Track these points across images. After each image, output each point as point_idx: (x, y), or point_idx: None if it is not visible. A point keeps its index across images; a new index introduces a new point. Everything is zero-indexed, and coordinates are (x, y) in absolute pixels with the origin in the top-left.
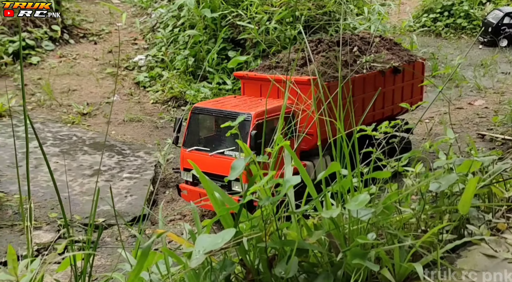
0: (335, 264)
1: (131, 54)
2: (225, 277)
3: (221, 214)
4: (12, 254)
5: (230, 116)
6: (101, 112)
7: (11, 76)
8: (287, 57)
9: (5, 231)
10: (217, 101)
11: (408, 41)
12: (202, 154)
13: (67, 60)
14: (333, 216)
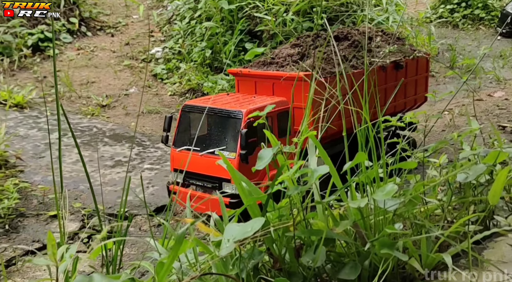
0: (361, 254)
1: (148, 47)
2: (254, 266)
3: (248, 204)
4: (52, 240)
5: (221, 114)
6: (120, 104)
7: (30, 69)
8: (282, 52)
9: (31, 220)
10: (208, 99)
11: (426, 32)
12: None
13: (85, 53)
14: (361, 206)
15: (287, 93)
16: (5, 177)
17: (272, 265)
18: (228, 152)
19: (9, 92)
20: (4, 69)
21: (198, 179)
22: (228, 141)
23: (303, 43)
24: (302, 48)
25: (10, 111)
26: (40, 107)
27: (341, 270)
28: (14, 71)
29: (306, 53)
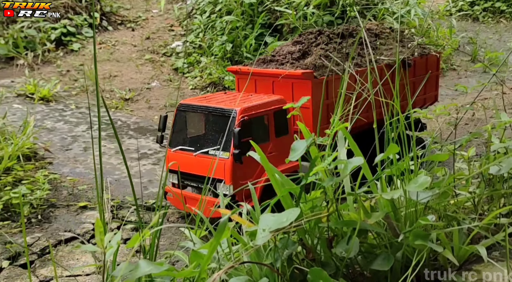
0: (393, 246)
1: (168, 41)
2: (288, 256)
3: (282, 195)
4: (99, 226)
5: (215, 113)
6: (143, 98)
7: (54, 63)
8: (283, 50)
9: (62, 210)
10: (204, 98)
11: (446, 25)
12: (187, 154)
13: (106, 47)
14: (394, 197)
15: (288, 91)
16: (35, 169)
17: (305, 255)
18: (222, 152)
19: (35, 86)
20: (28, 63)
21: (193, 180)
22: (222, 140)
23: (305, 41)
24: (304, 45)
25: (37, 104)
26: (65, 101)
27: (373, 261)
28: (38, 65)
29: (308, 51)
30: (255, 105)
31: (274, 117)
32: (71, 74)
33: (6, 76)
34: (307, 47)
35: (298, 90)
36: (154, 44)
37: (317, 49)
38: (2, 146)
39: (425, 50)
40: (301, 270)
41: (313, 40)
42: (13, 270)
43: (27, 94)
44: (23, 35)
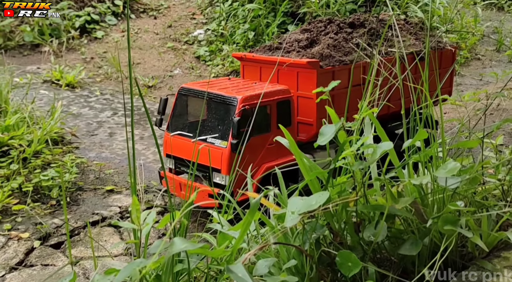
0: (421, 231)
1: (190, 29)
2: (315, 239)
3: (310, 179)
4: (136, 204)
5: (216, 99)
6: (166, 85)
7: (78, 50)
8: (290, 37)
9: (89, 194)
10: (207, 83)
11: (471, 14)
12: (185, 139)
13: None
14: (423, 183)
15: (293, 80)
16: (63, 153)
17: (332, 239)
18: (220, 140)
19: (61, 73)
20: (53, 50)
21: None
22: (221, 128)
23: (314, 29)
24: (312, 33)
25: (62, 90)
26: (90, 87)
27: (401, 246)
28: (62, 52)
29: (316, 40)
30: (258, 95)
31: (277, 107)
32: (95, 62)
33: (32, 63)
34: (316, 36)
35: (303, 79)
36: (176, 32)
37: (326, 38)
38: (32, 129)
39: (440, 44)
40: (328, 254)
41: (322, 28)
42: (44, 250)
43: (53, 81)
44: (48, 23)
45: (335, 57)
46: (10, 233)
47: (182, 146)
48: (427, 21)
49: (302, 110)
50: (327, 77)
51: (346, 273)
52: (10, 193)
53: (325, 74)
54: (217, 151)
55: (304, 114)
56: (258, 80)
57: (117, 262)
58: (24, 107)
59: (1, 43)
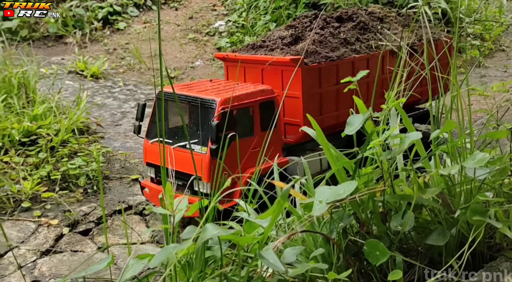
0: (448, 222)
1: (211, 20)
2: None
3: (337, 168)
4: (169, 190)
5: (194, 103)
6: (187, 76)
7: (101, 41)
8: (274, 35)
9: (115, 182)
10: (186, 86)
11: (495, 5)
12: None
13: (150, 26)
14: (452, 173)
15: (277, 79)
16: (89, 142)
17: (358, 228)
18: (200, 146)
19: (85, 63)
20: (77, 41)
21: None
22: (201, 133)
23: (299, 25)
24: (297, 30)
25: (86, 81)
26: (113, 78)
27: (428, 236)
28: (86, 44)
29: (301, 36)
30: (238, 96)
31: (260, 109)
32: (118, 53)
33: (56, 54)
34: (301, 32)
35: (287, 78)
36: (197, 24)
37: (311, 34)
38: (59, 119)
39: (434, 36)
40: (355, 243)
41: (308, 24)
42: (73, 236)
43: (77, 71)
44: (72, 14)
45: (321, 54)
46: (40, 220)
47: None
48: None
49: (288, 110)
50: (313, 74)
51: (373, 262)
52: (39, 181)
53: (311, 71)
54: (197, 158)
55: (291, 115)
56: (242, 81)
57: (149, 247)
58: (50, 97)
59: (27, 34)
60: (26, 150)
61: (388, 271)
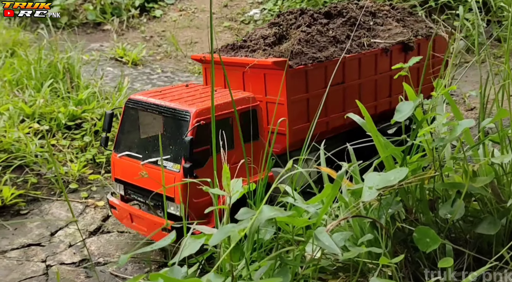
0: (499, 211)
1: (246, 8)
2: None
3: (385, 155)
4: (226, 172)
5: (166, 113)
6: None
7: (138, 29)
8: (256, 34)
9: None
10: (159, 92)
11: None
12: (134, 161)
13: (186, 14)
14: (504, 162)
15: (260, 83)
16: None
17: (405, 216)
18: (173, 163)
19: (124, 50)
20: (115, 28)
21: (140, 194)
22: (174, 148)
23: (283, 22)
24: (282, 27)
25: (126, 67)
26: (151, 65)
27: (478, 225)
28: (123, 31)
29: (285, 35)
30: (216, 106)
31: (241, 119)
32: (155, 40)
33: (95, 41)
34: (286, 30)
35: (271, 82)
36: (232, 12)
37: (297, 32)
38: (102, 104)
39: (431, 31)
40: (403, 230)
41: (293, 21)
42: None
43: (116, 58)
44: (110, 2)
45: (307, 54)
46: (87, 201)
47: (130, 168)
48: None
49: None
50: (299, 78)
51: (423, 249)
52: (85, 164)
53: (296, 74)
54: (169, 176)
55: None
56: (221, 86)
57: (204, 227)
58: (93, 82)
59: (66, 21)
60: (72, 133)
61: (436, 258)
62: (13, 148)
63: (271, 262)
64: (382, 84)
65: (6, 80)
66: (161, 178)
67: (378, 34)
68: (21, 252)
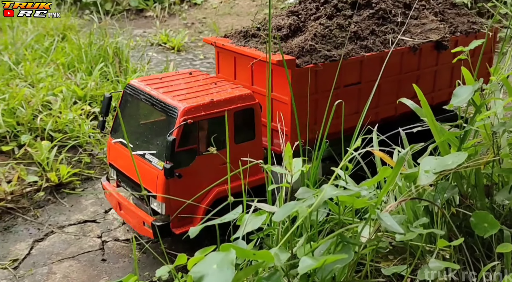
0: None
1: None
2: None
3: (440, 141)
4: (289, 151)
5: (157, 106)
6: None
7: (179, 15)
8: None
9: None
10: (159, 80)
11: None
12: (125, 149)
13: (226, 1)
14: None
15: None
16: None
17: (460, 201)
18: (158, 159)
19: (167, 36)
20: (157, 15)
21: (128, 183)
22: (160, 144)
23: (303, 11)
24: (300, 17)
25: (169, 53)
26: (194, 51)
27: None
28: (165, 17)
29: (302, 26)
30: (207, 104)
31: (234, 119)
32: (196, 27)
33: (138, 27)
34: (303, 21)
35: (277, 79)
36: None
37: (315, 24)
38: None
39: (474, 27)
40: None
41: (313, 11)
42: None
43: (159, 44)
44: None
45: (320, 52)
46: None
47: (122, 156)
48: None
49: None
50: (306, 78)
51: (481, 234)
52: None
53: (303, 74)
54: (153, 172)
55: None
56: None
57: (264, 204)
58: (140, 67)
59: (110, 8)
60: None
61: (492, 244)
62: (67, 128)
63: (331, 240)
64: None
65: (59, 63)
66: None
67: (409, 30)
68: (78, 227)
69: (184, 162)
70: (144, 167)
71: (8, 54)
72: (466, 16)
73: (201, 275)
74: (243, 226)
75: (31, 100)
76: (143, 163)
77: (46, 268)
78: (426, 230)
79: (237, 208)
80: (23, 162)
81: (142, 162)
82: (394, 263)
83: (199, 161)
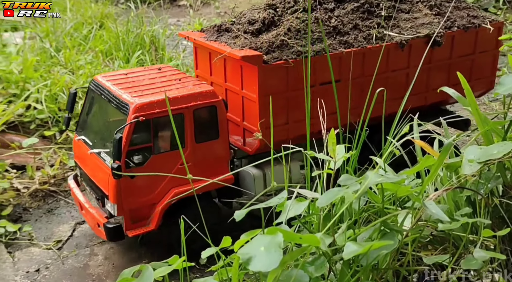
0: None
1: None
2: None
3: (484, 130)
4: (332, 138)
5: (113, 102)
6: None
7: (212, 5)
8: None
9: None
10: (124, 75)
11: None
12: (86, 147)
13: None
14: None
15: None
16: None
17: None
18: (110, 158)
19: (201, 25)
20: (190, 4)
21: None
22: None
23: (280, 4)
24: (277, 11)
25: None
26: None
27: None
28: (198, 6)
29: (277, 21)
30: (162, 101)
31: (194, 117)
32: (229, 16)
33: (172, 16)
34: (280, 15)
35: (246, 76)
36: None
37: (290, 18)
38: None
39: (474, 21)
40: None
41: (291, 4)
42: None
43: None
44: None
45: (293, 47)
46: None
47: (82, 154)
48: None
49: (247, 114)
50: (275, 75)
51: None
52: None
53: (272, 71)
54: (106, 172)
55: (249, 120)
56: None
57: (306, 191)
58: (175, 55)
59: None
60: None
61: None
62: None
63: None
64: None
65: (97, 51)
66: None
67: (398, 24)
68: None
69: (139, 162)
70: (99, 166)
71: (49, 41)
72: (467, 10)
73: (249, 256)
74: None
75: (72, 86)
76: (99, 162)
77: (88, 250)
78: (471, 219)
79: (282, 193)
80: (64, 146)
81: (98, 161)
82: (435, 253)
83: (155, 160)
